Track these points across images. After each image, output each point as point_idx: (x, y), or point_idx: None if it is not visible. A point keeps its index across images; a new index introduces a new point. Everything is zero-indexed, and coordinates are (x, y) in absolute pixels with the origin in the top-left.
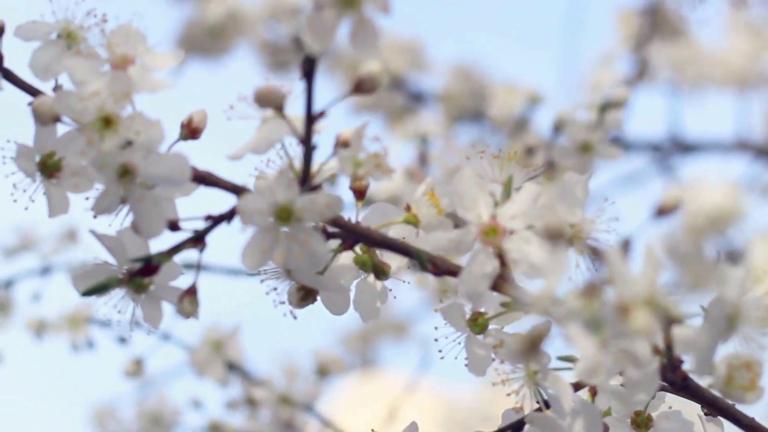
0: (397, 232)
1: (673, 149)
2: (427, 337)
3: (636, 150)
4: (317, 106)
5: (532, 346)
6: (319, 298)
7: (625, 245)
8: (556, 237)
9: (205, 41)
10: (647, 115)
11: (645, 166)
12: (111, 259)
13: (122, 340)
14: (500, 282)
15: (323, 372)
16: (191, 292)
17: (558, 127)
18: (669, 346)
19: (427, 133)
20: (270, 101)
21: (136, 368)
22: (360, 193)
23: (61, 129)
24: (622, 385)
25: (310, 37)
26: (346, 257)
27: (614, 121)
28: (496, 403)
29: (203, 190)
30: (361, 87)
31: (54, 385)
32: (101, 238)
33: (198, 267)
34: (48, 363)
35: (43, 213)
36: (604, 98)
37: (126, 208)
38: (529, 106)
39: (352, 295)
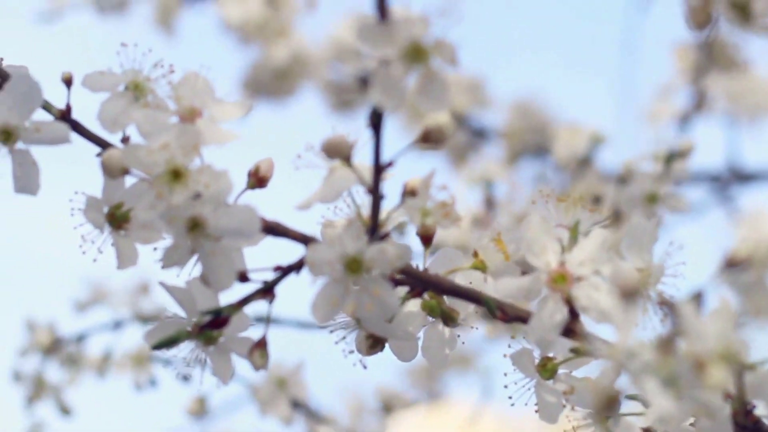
0: (464, 277)
1: (732, 179)
2: (492, 369)
3: (695, 181)
4: (384, 154)
5: (609, 404)
6: (387, 345)
7: (697, 298)
8: (631, 295)
9: (270, 83)
10: (705, 147)
11: (704, 197)
12: (181, 311)
13: (185, 379)
14: (570, 328)
15: (388, 408)
16: (261, 344)
17: (624, 178)
18: (741, 392)
19: (493, 177)
20: (338, 152)
21: (200, 407)
22: (427, 240)
23: (129, 180)
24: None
25: (378, 93)
26: (414, 304)
27: (680, 171)
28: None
29: (271, 239)
30: (429, 138)
31: (116, 424)
32: (171, 290)
33: (268, 319)
34: (111, 401)
35: (114, 265)
36: (669, 148)
37: (195, 259)
38: (592, 146)
39: (420, 341)
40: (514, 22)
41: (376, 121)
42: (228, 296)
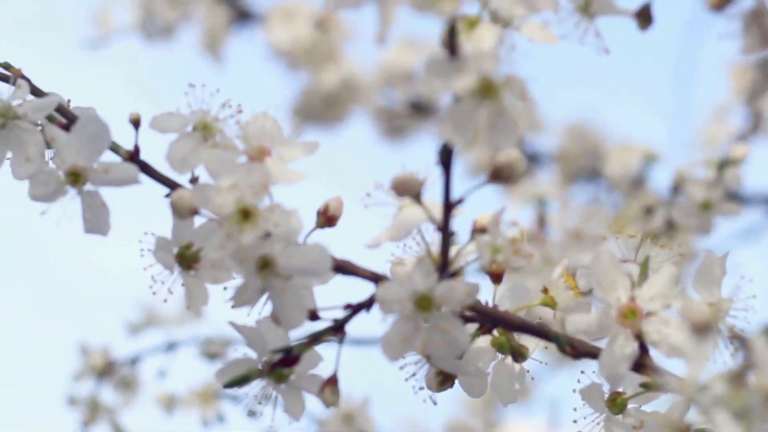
0: (533, 312)
1: None
2: (554, 398)
3: (752, 203)
4: (454, 191)
5: None
6: (457, 381)
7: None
8: (702, 329)
9: (320, 109)
10: (762, 168)
11: (762, 220)
12: (251, 350)
13: (252, 414)
14: (640, 363)
15: None
16: (332, 381)
17: (677, 186)
18: None
19: (545, 195)
20: (408, 190)
21: None
22: (497, 277)
23: (198, 220)
24: None
25: (448, 129)
26: (483, 340)
27: (733, 178)
28: None
29: (340, 277)
30: (500, 175)
31: None
32: (241, 330)
33: (338, 357)
34: None
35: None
36: (722, 155)
37: (264, 298)
38: (646, 165)
39: (489, 377)
40: (565, 44)
41: (445, 158)
42: (298, 333)
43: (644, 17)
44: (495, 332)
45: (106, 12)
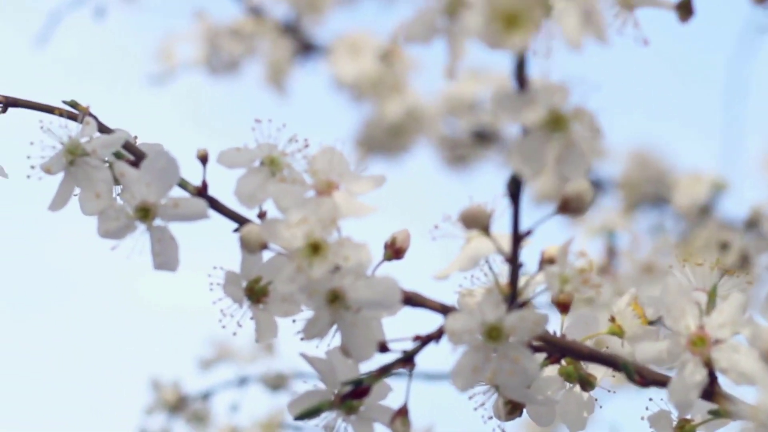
0: (600, 341)
1: None
2: (614, 423)
3: None
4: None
5: None
6: (525, 410)
7: None
8: None
9: (384, 140)
10: None
11: None
12: (321, 382)
13: None
14: (709, 390)
15: None
16: (403, 412)
17: (752, 222)
18: None
19: (613, 227)
20: (476, 222)
21: None
22: (564, 307)
23: (266, 254)
24: None
25: (518, 161)
26: (551, 369)
27: None
28: None
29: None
30: (568, 207)
31: None
32: (312, 362)
33: (408, 388)
34: None
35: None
36: None
37: (333, 330)
38: (714, 194)
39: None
40: (626, 71)
41: (514, 190)
42: (368, 365)
43: (685, 9)
44: (563, 361)
45: (171, 47)
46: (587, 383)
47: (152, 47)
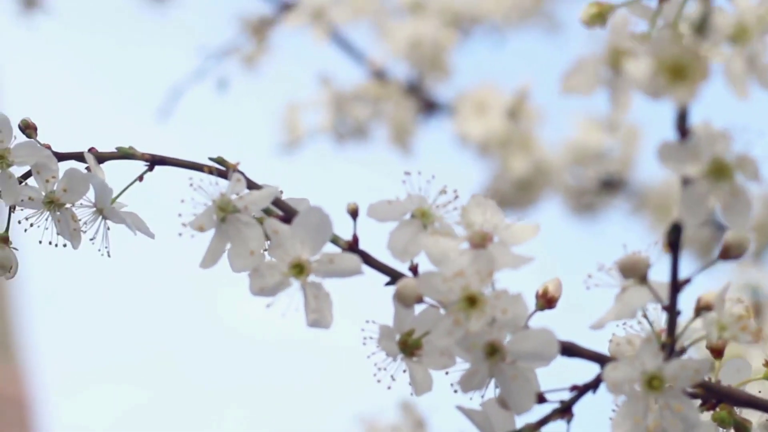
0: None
1: None
2: None
3: None
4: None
5: None
6: None
7: None
8: None
9: (511, 194)
10: None
11: None
12: None
13: None
14: None
15: None
16: None
17: None
18: None
19: (759, 282)
20: (634, 271)
21: None
22: (718, 353)
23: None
24: None
25: (683, 211)
26: (705, 415)
27: None
28: None
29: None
30: (729, 254)
31: None
32: (468, 414)
33: None
34: None
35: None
36: None
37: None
38: None
39: None
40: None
41: (674, 239)
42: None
43: None
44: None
45: (296, 115)
46: (742, 428)
47: (277, 116)
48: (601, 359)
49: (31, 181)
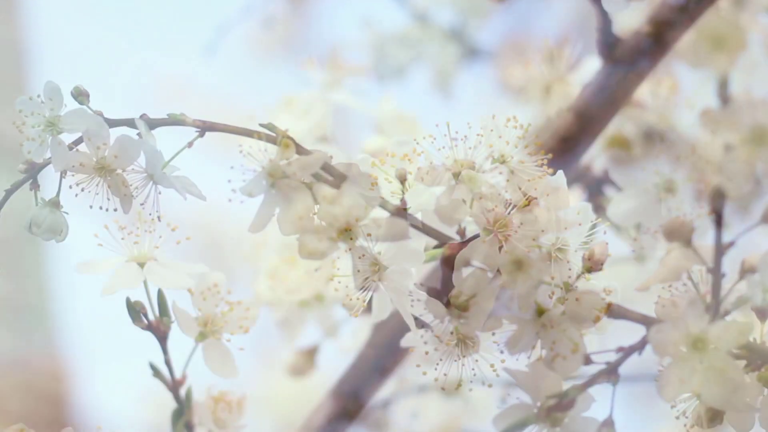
0: None
1: None
2: None
3: None
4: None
5: None
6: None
7: None
8: None
9: (552, 144)
10: None
11: None
12: (524, 395)
13: None
14: None
15: None
16: (608, 424)
17: None
18: None
19: None
20: (679, 235)
21: None
22: (763, 315)
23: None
24: None
25: (725, 179)
26: (750, 376)
27: None
28: None
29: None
30: None
31: None
32: (515, 375)
33: (612, 398)
34: None
35: None
36: None
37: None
38: None
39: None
40: None
41: (718, 204)
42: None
43: None
44: (762, 368)
45: (338, 55)
46: None
47: (320, 55)
48: (646, 321)
49: (82, 147)
